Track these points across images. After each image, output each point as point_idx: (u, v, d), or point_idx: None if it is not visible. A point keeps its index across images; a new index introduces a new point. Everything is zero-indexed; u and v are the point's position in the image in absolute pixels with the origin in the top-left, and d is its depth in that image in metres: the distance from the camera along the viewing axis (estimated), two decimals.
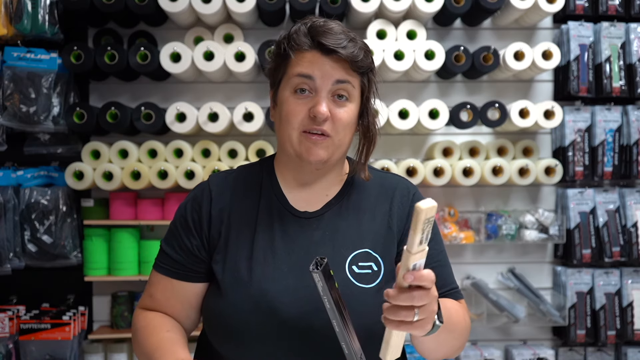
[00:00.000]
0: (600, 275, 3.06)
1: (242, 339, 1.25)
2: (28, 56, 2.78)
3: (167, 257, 1.36)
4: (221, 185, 1.37)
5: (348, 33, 1.28)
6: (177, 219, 1.39)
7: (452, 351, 1.31)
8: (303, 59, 1.26)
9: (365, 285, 1.27)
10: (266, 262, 1.28)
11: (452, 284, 1.37)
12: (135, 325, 1.37)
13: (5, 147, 2.83)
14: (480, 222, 3.00)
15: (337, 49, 1.24)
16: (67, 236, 2.86)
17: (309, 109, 1.25)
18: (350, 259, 1.29)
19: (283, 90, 1.29)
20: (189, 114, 2.80)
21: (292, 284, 1.26)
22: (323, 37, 1.25)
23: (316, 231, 1.31)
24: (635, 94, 3.04)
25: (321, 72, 1.25)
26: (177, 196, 2.85)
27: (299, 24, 1.30)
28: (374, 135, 1.34)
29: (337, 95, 1.27)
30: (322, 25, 1.27)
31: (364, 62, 1.28)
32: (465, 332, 1.32)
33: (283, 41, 1.30)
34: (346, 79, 1.26)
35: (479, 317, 3.01)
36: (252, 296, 1.25)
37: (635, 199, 3.07)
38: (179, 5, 2.71)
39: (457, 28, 3.11)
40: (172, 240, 1.37)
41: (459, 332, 1.28)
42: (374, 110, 1.36)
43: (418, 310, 1.02)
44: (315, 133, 1.25)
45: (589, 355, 3.12)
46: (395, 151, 3.07)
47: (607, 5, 3.06)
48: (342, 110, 1.27)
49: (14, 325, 2.83)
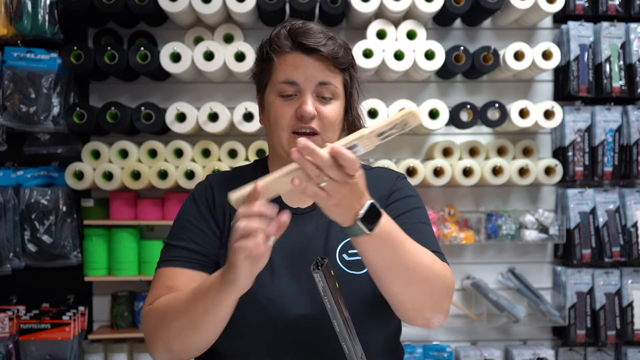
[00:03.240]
0: (600, 275, 3.06)
1: (239, 333, 1.26)
2: (28, 56, 2.78)
3: (183, 250, 1.31)
4: (220, 182, 1.39)
5: (327, 32, 1.32)
6: (188, 213, 1.36)
7: (417, 294, 1.18)
8: (285, 61, 1.30)
9: (356, 272, 1.29)
10: None
11: (433, 247, 1.28)
12: (155, 310, 1.24)
13: (5, 147, 2.83)
14: (480, 222, 3.00)
15: (318, 47, 1.28)
16: (67, 236, 2.86)
17: (295, 110, 1.29)
18: (340, 247, 1.32)
19: (269, 95, 1.34)
20: (189, 114, 2.80)
21: (286, 278, 1.27)
22: (303, 38, 1.29)
23: (308, 225, 1.34)
24: (635, 94, 3.04)
25: (304, 76, 1.28)
26: (177, 196, 2.85)
27: (278, 27, 1.34)
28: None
29: (321, 97, 1.30)
30: (301, 26, 1.31)
31: (344, 58, 1.32)
32: (433, 277, 1.19)
33: (265, 45, 1.35)
34: (328, 80, 1.30)
35: (479, 317, 3.01)
36: (249, 290, 1.26)
37: (635, 199, 3.07)
38: (179, 5, 2.71)
39: (457, 28, 3.11)
40: (186, 234, 1.33)
41: (417, 270, 1.15)
42: (359, 106, 1.39)
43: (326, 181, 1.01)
44: (304, 132, 1.28)
45: (589, 355, 3.12)
46: (395, 151, 3.07)
47: (607, 5, 3.06)
48: (328, 108, 1.30)
49: (14, 325, 2.83)
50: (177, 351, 1.22)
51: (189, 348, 1.21)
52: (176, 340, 1.20)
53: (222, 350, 1.30)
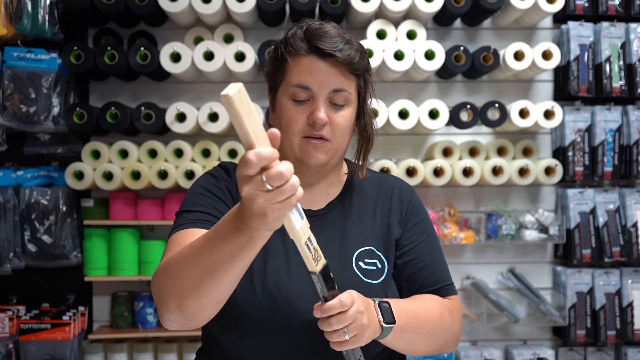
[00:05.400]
0: (600, 275, 3.06)
1: (248, 330, 1.26)
2: (28, 56, 2.78)
3: (201, 214, 1.26)
4: (233, 170, 1.38)
5: (344, 35, 1.30)
6: (205, 184, 1.32)
7: (432, 348, 1.34)
8: (300, 65, 1.28)
9: (372, 281, 1.30)
10: (278, 255, 1.30)
11: (446, 280, 1.40)
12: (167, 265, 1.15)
13: (5, 147, 2.83)
14: (480, 222, 3.00)
15: (334, 53, 1.26)
16: (67, 236, 2.86)
17: (307, 116, 1.28)
18: (356, 255, 1.32)
19: (281, 97, 1.32)
20: (189, 114, 2.80)
21: (302, 278, 1.27)
22: (320, 41, 1.27)
23: (323, 229, 1.33)
24: (635, 94, 3.04)
25: (318, 82, 1.27)
26: (177, 196, 2.85)
27: (294, 27, 1.32)
28: (371, 136, 1.37)
29: (334, 104, 1.29)
30: (317, 28, 1.29)
31: (360, 64, 1.30)
32: (443, 329, 1.33)
33: (280, 45, 1.32)
34: (342, 87, 1.28)
35: (479, 317, 3.01)
36: (267, 287, 1.26)
37: (635, 199, 3.07)
38: (179, 5, 2.71)
39: (457, 28, 3.11)
40: (204, 201, 1.29)
41: (430, 331, 1.30)
42: (371, 110, 1.38)
43: (346, 329, 1.11)
44: (315, 137, 1.28)
45: (589, 355, 3.12)
46: (395, 151, 3.07)
47: (607, 5, 3.06)
48: (339, 115, 1.29)
49: (14, 325, 2.83)
50: (190, 309, 1.10)
51: (204, 302, 1.09)
52: (190, 293, 1.08)
53: (224, 345, 1.30)
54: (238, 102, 0.89)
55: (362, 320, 1.13)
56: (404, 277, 1.37)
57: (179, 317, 1.12)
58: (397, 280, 1.38)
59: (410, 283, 1.37)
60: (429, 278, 1.37)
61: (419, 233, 1.40)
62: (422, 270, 1.37)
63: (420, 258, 1.37)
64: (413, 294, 1.37)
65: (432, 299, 1.35)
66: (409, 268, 1.37)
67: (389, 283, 1.35)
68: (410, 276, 1.37)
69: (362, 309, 1.13)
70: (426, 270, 1.37)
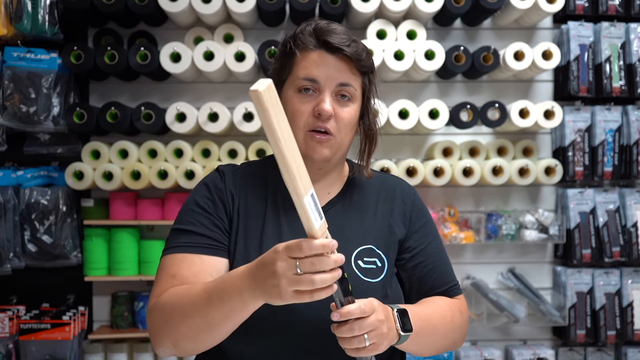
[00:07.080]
0: (600, 275, 3.06)
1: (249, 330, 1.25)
2: (28, 56, 2.78)
3: (191, 235, 1.30)
4: (231, 173, 1.39)
5: (350, 34, 1.33)
6: (198, 199, 1.35)
7: (443, 349, 1.37)
8: (308, 58, 1.31)
9: (372, 280, 1.31)
10: None
11: (451, 281, 1.43)
12: (163, 306, 1.21)
13: (5, 147, 2.83)
14: (480, 222, 3.00)
15: (342, 47, 1.29)
16: (67, 236, 2.86)
17: (313, 108, 1.29)
18: (355, 254, 1.33)
19: (287, 90, 1.33)
20: (189, 114, 2.80)
21: None
22: (328, 36, 1.30)
23: None
24: (635, 94, 3.04)
25: (325, 74, 1.29)
26: (177, 196, 2.85)
27: (303, 24, 1.35)
28: (375, 135, 1.39)
29: (340, 95, 1.31)
30: (326, 25, 1.32)
31: (366, 61, 1.33)
32: (453, 330, 1.36)
33: (289, 40, 1.34)
34: (349, 82, 1.31)
35: (479, 317, 3.01)
36: None
37: (635, 199, 3.07)
38: (179, 5, 2.71)
39: (457, 28, 3.11)
40: (195, 219, 1.32)
41: (442, 333, 1.33)
42: (374, 110, 1.40)
43: (367, 335, 1.11)
44: (320, 131, 1.29)
45: (589, 355, 3.12)
46: (395, 151, 3.07)
47: (607, 5, 3.06)
48: (344, 110, 1.31)
49: (14, 325, 2.83)
50: (186, 349, 1.21)
51: (200, 347, 1.21)
52: (187, 339, 1.18)
53: (226, 348, 1.30)
54: (267, 98, 0.90)
55: (382, 329, 1.14)
56: (415, 279, 1.39)
57: (173, 351, 1.23)
58: (407, 282, 1.40)
59: (421, 285, 1.40)
60: (439, 279, 1.40)
61: (426, 235, 1.42)
62: (431, 272, 1.39)
63: (429, 260, 1.39)
64: (423, 295, 1.39)
65: (443, 301, 1.38)
66: (419, 270, 1.39)
67: (389, 281, 1.35)
68: (421, 278, 1.39)
69: (382, 317, 1.14)
70: (435, 272, 1.40)
